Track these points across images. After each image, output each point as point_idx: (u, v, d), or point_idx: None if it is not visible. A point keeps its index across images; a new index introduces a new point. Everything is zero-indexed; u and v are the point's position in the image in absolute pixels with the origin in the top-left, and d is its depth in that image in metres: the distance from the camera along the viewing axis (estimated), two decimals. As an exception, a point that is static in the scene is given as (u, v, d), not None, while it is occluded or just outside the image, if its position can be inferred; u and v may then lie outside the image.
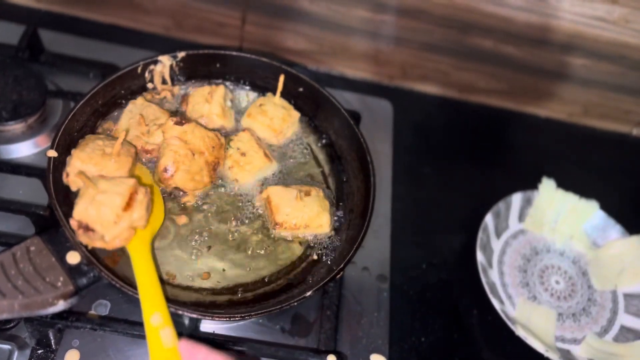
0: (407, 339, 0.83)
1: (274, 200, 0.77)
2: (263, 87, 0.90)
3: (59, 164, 0.73)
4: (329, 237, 0.78)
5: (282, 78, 0.86)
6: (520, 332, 0.81)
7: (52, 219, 0.71)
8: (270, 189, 0.78)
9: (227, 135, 0.82)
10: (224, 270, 0.74)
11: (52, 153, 0.72)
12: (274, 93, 0.87)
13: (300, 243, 0.78)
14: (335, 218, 0.80)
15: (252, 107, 0.86)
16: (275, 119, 0.84)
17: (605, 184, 1.07)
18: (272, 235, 0.77)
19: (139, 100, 0.81)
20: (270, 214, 0.77)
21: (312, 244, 0.78)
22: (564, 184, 0.99)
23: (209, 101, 0.82)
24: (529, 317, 0.86)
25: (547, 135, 1.15)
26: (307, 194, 0.78)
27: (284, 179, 0.82)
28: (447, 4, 0.98)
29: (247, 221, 0.78)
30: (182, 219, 0.76)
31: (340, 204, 0.82)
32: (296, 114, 0.87)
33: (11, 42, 0.93)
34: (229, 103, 0.86)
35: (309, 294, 0.69)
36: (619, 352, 0.85)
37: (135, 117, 0.79)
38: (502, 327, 0.82)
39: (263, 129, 0.84)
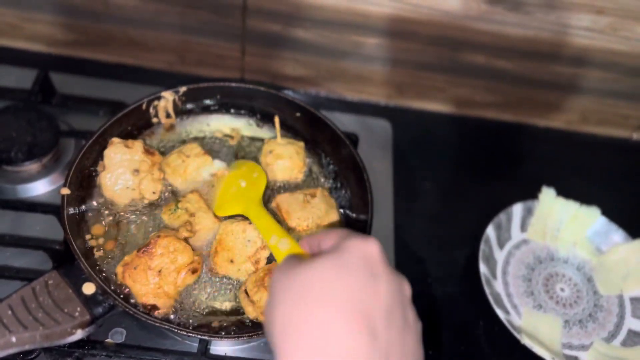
0: (415, 352, 0.84)
1: (283, 207, 0.81)
2: (263, 114, 0.94)
3: (73, 200, 0.78)
4: None
5: (277, 120, 0.90)
6: (525, 340, 0.82)
7: (67, 252, 0.74)
8: (279, 197, 0.83)
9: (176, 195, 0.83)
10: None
11: (65, 191, 0.77)
12: (273, 119, 0.91)
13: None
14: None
15: (263, 157, 0.87)
16: (292, 156, 0.86)
17: (607, 190, 1.07)
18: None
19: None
20: (283, 220, 0.81)
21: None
22: (566, 192, 0.99)
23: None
24: (535, 325, 0.87)
25: (547, 144, 1.16)
26: (313, 195, 0.82)
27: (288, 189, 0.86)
28: (437, 24, 1.01)
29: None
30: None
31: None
32: (301, 143, 0.89)
33: (24, 87, 0.98)
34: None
35: None
36: (627, 356, 0.85)
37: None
38: (509, 337, 0.83)
39: (285, 172, 0.86)
